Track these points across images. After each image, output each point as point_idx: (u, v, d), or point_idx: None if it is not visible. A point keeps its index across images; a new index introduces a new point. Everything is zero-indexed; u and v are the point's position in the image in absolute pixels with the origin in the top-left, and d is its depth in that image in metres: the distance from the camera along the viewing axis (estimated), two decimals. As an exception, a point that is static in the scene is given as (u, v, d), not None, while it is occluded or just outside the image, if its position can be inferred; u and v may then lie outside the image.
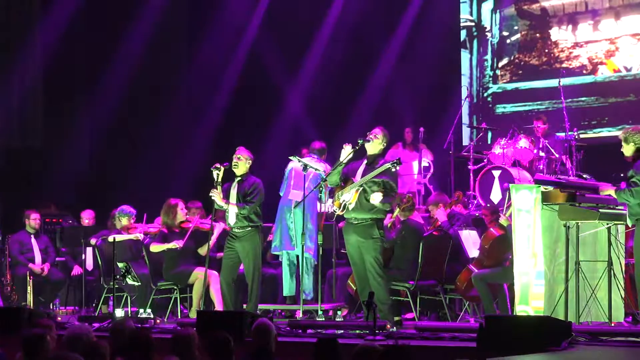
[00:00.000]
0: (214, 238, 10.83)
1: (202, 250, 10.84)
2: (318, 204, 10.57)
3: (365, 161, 9.40)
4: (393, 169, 9.13)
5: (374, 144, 9.36)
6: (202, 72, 15.92)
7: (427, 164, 13.41)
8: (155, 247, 10.89)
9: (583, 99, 14.22)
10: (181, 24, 16.20)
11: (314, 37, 15.70)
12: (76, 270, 12.39)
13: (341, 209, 9.32)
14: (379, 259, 9.27)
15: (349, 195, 9.25)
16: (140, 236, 11.29)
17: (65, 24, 15.19)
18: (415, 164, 13.49)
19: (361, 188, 9.21)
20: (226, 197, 10.09)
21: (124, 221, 11.43)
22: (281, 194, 10.75)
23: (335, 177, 9.41)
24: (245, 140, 10.85)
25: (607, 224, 8.74)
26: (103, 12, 15.34)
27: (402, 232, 10.29)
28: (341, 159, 9.40)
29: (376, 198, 9.08)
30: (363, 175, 9.26)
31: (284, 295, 10.66)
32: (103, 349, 6.04)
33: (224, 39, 15.86)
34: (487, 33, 15.16)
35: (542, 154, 12.20)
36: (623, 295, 8.85)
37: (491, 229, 10.03)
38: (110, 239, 10.87)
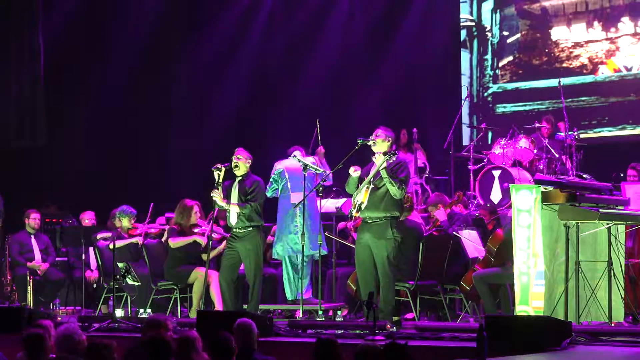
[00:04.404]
0: (221, 248, 10.78)
1: (205, 256, 10.72)
2: (318, 202, 10.55)
3: (375, 162, 9.51)
4: (390, 160, 9.31)
5: (379, 144, 9.45)
6: (206, 69, 15.93)
7: (422, 165, 13.39)
8: (178, 242, 10.81)
9: (583, 98, 14.23)
10: (183, 19, 16.18)
11: (314, 37, 15.72)
12: (88, 272, 12.24)
13: (356, 209, 9.41)
14: (390, 260, 9.36)
15: (361, 195, 9.36)
16: (140, 240, 11.27)
17: (66, 22, 15.23)
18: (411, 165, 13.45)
19: (371, 186, 9.33)
20: (226, 196, 10.09)
21: (125, 222, 11.42)
22: (268, 195, 10.61)
23: (352, 187, 9.58)
24: (247, 140, 10.87)
25: (607, 224, 8.74)
26: (104, 8, 15.37)
27: None
28: (352, 174, 9.54)
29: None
30: (375, 176, 9.38)
31: (288, 299, 10.60)
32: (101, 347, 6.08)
33: (227, 33, 15.89)
34: (487, 33, 15.17)
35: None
36: (623, 295, 8.86)
37: (498, 231, 10.01)
38: (111, 246, 10.87)
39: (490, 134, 14.36)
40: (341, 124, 14.05)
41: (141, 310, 10.96)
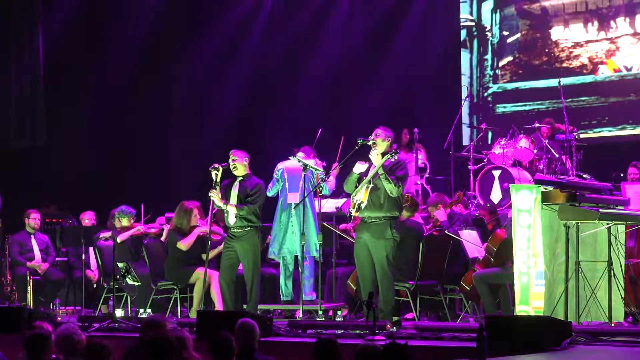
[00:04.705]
0: (220, 248, 10.76)
1: (205, 256, 10.70)
2: (316, 203, 10.54)
3: (373, 162, 9.46)
4: (392, 159, 9.28)
5: (378, 144, 9.44)
6: (206, 69, 15.93)
7: (422, 165, 13.39)
8: (190, 242, 10.78)
9: (583, 98, 14.22)
10: (183, 19, 16.18)
11: (314, 38, 15.71)
12: (88, 272, 12.22)
13: (355, 209, 9.40)
14: (389, 260, 9.34)
15: (360, 195, 9.35)
16: (142, 228, 11.30)
17: (66, 22, 15.23)
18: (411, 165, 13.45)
19: (371, 185, 9.31)
20: (226, 195, 10.08)
21: (124, 221, 11.43)
22: (270, 194, 10.64)
23: (351, 186, 9.53)
24: (248, 140, 10.84)
25: (607, 224, 8.74)
26: (104, 8, 15.37)
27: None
28: (354, 171, 9.48)
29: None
30: (375, 175, 9.35)
31: (282, 300, 10.61)
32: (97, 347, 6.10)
33: (227, 33, 15.89)
34: (487, 33, 15.17)
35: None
36: (623, 295, 8.86)
37: (498, 231, 10.01)
38: (119, 239, 11.01)
39: (490, 134, 14.36)
40: (341, 124, 14.04)
41: (141, 310, 10.96)
